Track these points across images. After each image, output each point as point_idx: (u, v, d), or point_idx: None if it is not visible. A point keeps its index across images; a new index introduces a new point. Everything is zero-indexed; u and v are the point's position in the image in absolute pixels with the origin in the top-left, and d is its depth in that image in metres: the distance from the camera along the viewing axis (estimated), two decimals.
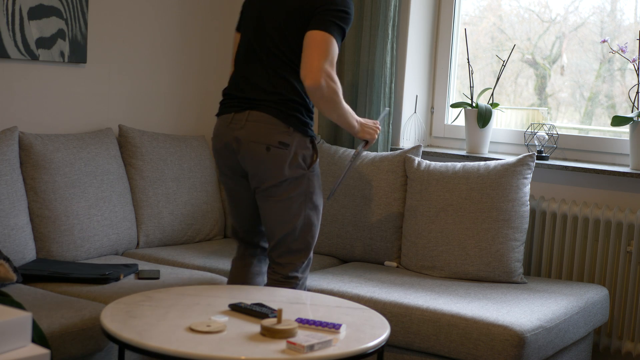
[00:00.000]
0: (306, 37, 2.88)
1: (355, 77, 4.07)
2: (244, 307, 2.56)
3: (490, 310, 2.99)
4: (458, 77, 4.23)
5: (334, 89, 2.86)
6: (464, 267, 3.50)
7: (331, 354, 2.26)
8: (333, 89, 2.86)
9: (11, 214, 3.24)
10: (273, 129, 2.91)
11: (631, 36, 3.77)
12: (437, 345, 2.98)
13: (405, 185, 3.73)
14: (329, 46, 2.84)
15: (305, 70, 2.85)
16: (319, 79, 2.82)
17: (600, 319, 3.42)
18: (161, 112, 4.15)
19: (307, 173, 2.97)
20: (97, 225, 3.54)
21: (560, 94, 4.20)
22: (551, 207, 3.70)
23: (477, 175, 3.55)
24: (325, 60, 2.83)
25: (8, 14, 3.44)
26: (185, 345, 2.25)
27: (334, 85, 2.86)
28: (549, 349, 2.99)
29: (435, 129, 4.25)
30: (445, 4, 4.17)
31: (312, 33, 2.87)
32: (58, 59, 3.65)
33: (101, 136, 3.70)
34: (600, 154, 3.80)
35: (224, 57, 4.41)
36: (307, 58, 2.85)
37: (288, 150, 2.91)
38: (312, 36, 2.86)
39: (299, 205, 2.96)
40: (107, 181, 3.62)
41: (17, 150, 3.37)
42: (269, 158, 2.90)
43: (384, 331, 2.48)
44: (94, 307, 2.82)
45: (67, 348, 2.69)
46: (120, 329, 2.36)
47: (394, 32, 3.99)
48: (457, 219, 3.54)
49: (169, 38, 4.15)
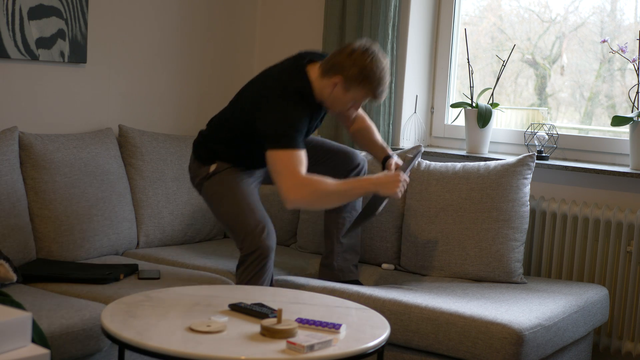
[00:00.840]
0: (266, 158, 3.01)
1: None
2: (244, 307, 2.56)
3: (489, 309, 2.99)
4: (458, 77, 4.23)
5: (311, 196, 2.91)
6: (463, 267, 3.50)
7: (331, 354, 2.26)
8: (309, 197, 2.91)
9: (11, 214, 3.24)
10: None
11: (631, 36, 3.77)
12: (435, 343, 2.98)
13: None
14: (283, 162, 2.90)
15: (281, 197, 2.96)
16: (292, 199, 2.90)
17: (600, 319, 3.42)
18: (161, 112, 4.15)
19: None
20: (97, 225, 3.54)
21: (560, 94, 4.20)
22: (551, 207, 3.70)
23: (477, 175, 3.55)
24: (287, 178, 2.89)
25: (8, 14, 3.44)
26: (185, 345, 2.26)
27: (309, 191, 2.90)
28: (548, 348, 2.99)
29: (435, 129, 4.25)
30: (445, 4, 4.17)
31: (267, 154, 2.98)
32: (58, 59, 3.65)
33: (101, 136, 3.71)
34: (600, 154, 3.80)
35: (224, 57, 4.42)
36: (275, 183, 2.98)
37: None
38: (268, 158, 2.98)
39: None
40: (107, 181, 3.62)
41: (17, 150, 3.37)
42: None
43: (384, 331, 2.48)
44: (94, 307, 2.82)
45: (67, 348, 2.69)
46: (120, 329, 2.36)
47: (394, 32, 3.99)
48: (457, 219, 3.54)
49: (168, 38, 4.15)
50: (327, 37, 4.14)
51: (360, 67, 2.98)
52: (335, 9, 4.10)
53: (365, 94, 3.04)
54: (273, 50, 4.52)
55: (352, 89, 3.01)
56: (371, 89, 3.02)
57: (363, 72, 2.98)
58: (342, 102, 3.06)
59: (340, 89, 3.02)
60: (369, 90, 3.02)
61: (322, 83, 3.06)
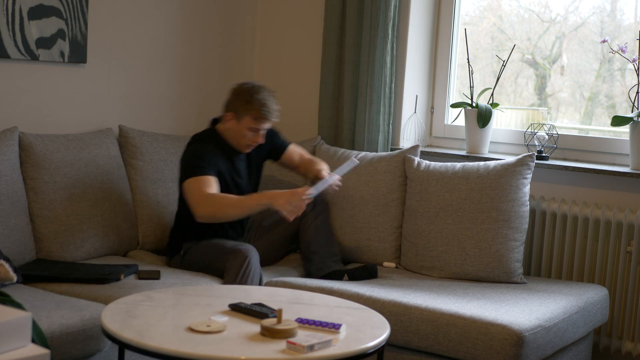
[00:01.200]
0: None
1: (355, 77, 4.07)
2: (244, 307, 2.56)
3: (489, 310, 2.99)
4: (458, 77, 4.23)
5: (213, 208, 3.28)
6: (463, 268, 3.50)
7: (331, 354, 2.26)
8: (212, 209, 3.28)
9: (11, 214, 3.24)
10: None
11: (631, 36, 3.77)
12: (435, 344, 2.98)
13: (405, 185, 3.73)
14: (192, 186, 3.32)
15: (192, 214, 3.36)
16: (199, 214, 3.30)
17: (600, 319, 3.42)
18: (161, 112, 4.15)
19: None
20: (97, 225, 3.54)
21: (560, 94, 4.20)
22: (551, 207, 3.70)
23: (476, 175, 3.55)
24: (194, 198, 3.31)
25: (8, 14, 3.44)
26: (185, 345, 2.26)
27: (211, 204, 3.28)
28: (548, 349, 2.99)
29: (435, 129, 4.25)
30: (445, 4, 4.17)
31: (182, 188, 3.43)
32: (58, 59, 3.65)
33: (101, 136, 3.71)
34: (600, 154, 3.80)
35: (224, 57, 4.42)
36: (188, 206, 3.38)
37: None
38: (182, 190, 3.42)
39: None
40: (107, 181, 3.62)
41: (17, 150, 3.37)
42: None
43: (384, 331, 2.48)
44: (94, 307, 2.82)
45: (67, 348, 2.69)
46: (120, 329, 2.36)
47: (394, 32, 3.99)
48: (456, 219, 3.54)
49: (169, 38, 4.15)
50: (327, 37, 4.14)
51: (244, 97, 3.45)
52: (335, 9, 4.10)
53: (254, 117, 3.42)
54: (273, 50, 4.52)
55: (241, 118, 3.44)
56: (256, 111, 3.41)
57: (246, 99, 3.43)
58: (240, 134, 3.47)
59: (234, 122, 3.46)
60: (255, 112, 3.42)
61: (223, 127, 3.51)
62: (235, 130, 3.47)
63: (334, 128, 4.16)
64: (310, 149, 4.03)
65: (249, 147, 3.51)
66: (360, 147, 4.04)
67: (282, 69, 4.49)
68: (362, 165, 3.79)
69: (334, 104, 4.16)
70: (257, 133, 3.46)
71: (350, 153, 3.90)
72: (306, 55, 4.40)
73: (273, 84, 4.52)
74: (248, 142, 3.48)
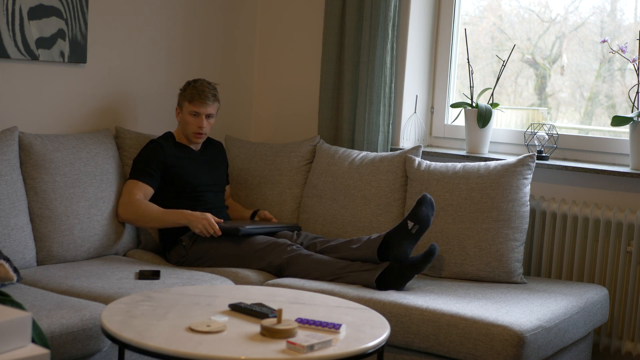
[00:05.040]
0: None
1: (355, 77, 4.07)
2: (244, 307, 2.56)
3: (490, 310, 2.99)
4: (458, 77, 4.23)
5: (134, 215, 3.59)
6: (463, 267, 3.50)
7: (331, 354, 2.26)
8: (133, 215, 3.59)
9: (11, 214, 3.24)
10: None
11: (631, 36, 3.77)
12: (436, 345, 2.98)
13: (406, 185, 3.74)
14: (126, 187, 3.64)
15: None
16: (120, 215, 3.62)
17: (600, 319, 3.42)
18: (161, 113, 4.15)
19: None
20: (97, 225, 3.54)
21: (560, 94, 4.20)
22: (551, 207, 3.70)
23: (477, 175, 3.55)
24: (122, 199, 3.62)
25: (8, 14, 3.44)
26: (185, 345, 2.26)
27: (133, 210, 3.58)
28: (549, 349, 2.99)
29: (435, 129, 4.25)
30: (445, 4, 4.17)
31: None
32: (58, 59, 3.65)
33: (100, 136, 3.71)
34: (600, 154, 3.80)
35: (224, 57, 4.42)
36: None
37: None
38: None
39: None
40: (107, 181, 3.62)
41: (17, 150, 3.37)
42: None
43: (384, 331, 2.48)
44: (94, 307, 2.82)
45: (67, 348, 2.69)
46: (120, 329, 2.36)
47: (394, 32, 3.99)
48: (457, 219, 3.54)
49: (168, 38, 4.15)
50: (327, 37, 4.14)
51: (182, 88, 3.78)
52: (335, 9, 4.10)
53: (189, 100, 3.69)
54: (273, 50, 4.52)
55: (182, 107, 3.74)
56: (190, 94, 3.70)
57: (184, 89, 3.76)
58: (185, 122, 3.73)
59: (180, 115, 3.76)
60: (189, 95, 3.70)
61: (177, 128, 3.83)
62: (182, 122, 3.74)
63: (334, 128, 4.16)
64: (310, 148, 4.03)
65: (199, 136, 3.73)
66: (360, 147, 4.04)
67: (282, 69, 4.49)
68: (364, 165, 3.80)
69: (334, 104, 4.16)
70: (199, 117, 3.70)
71: (350, 152, 3.90)
72: (306, 55, 4.40)
73: (273, 84, 4.52)
74: (194, 130, 3.71)
